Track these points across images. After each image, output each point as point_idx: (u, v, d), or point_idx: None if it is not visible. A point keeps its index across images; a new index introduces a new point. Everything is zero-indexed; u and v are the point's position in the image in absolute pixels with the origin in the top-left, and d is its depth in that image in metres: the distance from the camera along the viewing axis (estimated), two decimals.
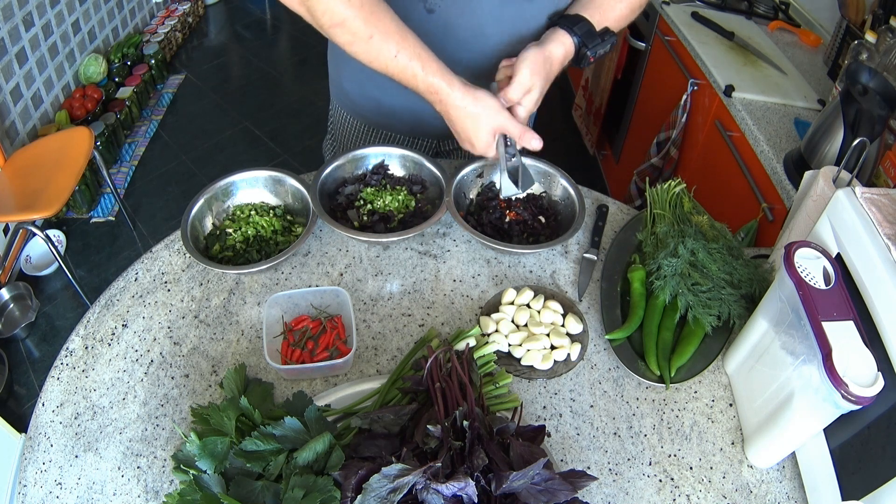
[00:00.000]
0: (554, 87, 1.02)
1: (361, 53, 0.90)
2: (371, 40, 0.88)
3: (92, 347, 0.92)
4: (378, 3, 0.88)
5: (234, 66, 3.77)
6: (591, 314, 1.00)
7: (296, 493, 0.67)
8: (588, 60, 1.00)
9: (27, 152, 2.21)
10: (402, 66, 0.90)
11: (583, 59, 1.00)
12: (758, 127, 1.58)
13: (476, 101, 0.92)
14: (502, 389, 0.85)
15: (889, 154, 1.26)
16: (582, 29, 0.97)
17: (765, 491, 0.82)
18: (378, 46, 0.88)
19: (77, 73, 2.94)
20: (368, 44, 0.88)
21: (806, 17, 2.18)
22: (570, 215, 1.08)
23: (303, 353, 0.90)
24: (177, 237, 1.07)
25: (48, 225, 2.55)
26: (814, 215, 0.94)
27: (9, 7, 2.39)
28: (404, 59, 0.89)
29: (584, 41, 0.98)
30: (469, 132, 0.95)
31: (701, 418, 0.89)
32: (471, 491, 0.63)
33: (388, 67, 0.90)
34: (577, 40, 0.98)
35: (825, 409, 0.69)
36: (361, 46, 0.89)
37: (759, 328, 0.85)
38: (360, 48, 0.90)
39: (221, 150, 3.09)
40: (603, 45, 0.99)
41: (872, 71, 1.30)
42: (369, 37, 0.88)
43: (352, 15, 0.86)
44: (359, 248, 1.08)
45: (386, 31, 0.88)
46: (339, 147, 1.36)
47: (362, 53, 0.90)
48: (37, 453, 0.81)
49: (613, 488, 0.81)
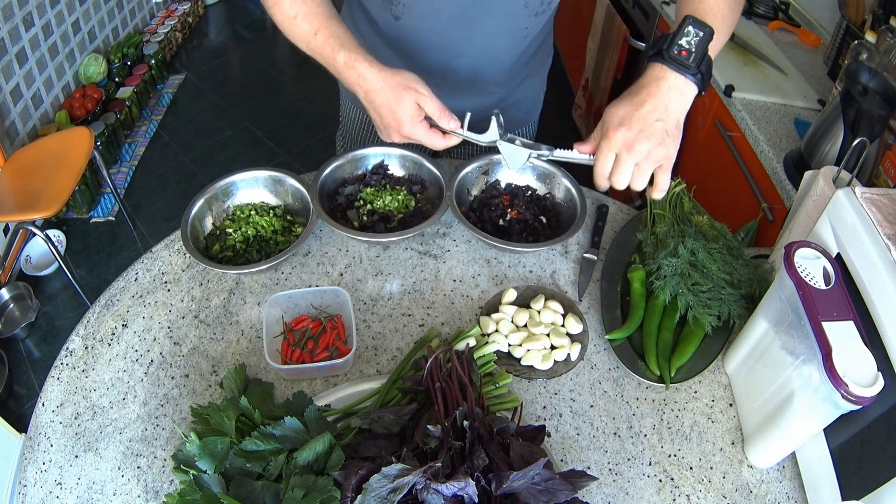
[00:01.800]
0: (554, 88, 1.01)
1: (289, 32, 0.94)
2: (295, 20, 0.92)
3: (92, 347, 0.92)
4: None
5: (234, 66, 3.77)
6: (591, 314, 1.00)
7: (296, 493, 0.67)
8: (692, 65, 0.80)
9: (27, 152, 2.21)
10: (321, 44, 0.90)
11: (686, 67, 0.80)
12: (758, 127, 1.58)
13: (395, 73, 0.87)
14: (502, 389, 0.85)
15: (889, 154, 1.26)
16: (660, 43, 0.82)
17: (765, 491, 0.82)
18: (301, 26, 0.92)
19: (77, 73, 2.94)
20: (293, 23, 0.92)
21: (806, 17, 2.18)
22: (570, 215, 1.08)
23: (303, 353, 0.90)
24: (177, 237, 1.07)
25: (48, 225, 2.55)
26: (814, 215, 0.94)
27: (9, 7, 2.39)
28: (322, 37, 0.90)
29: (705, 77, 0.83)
30: (391, 104, 0.87)
31: (701, 418, 0.89)
32: (471, 491, 0.63)
33: (309, 45, 0.92)
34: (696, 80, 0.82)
35: (825, 409, 0.69)
36: (287, 26, 0.93)
37: (759, 328, 0.85)
38: (286, 27, 0.94)
39: (221, 150, 3.09)
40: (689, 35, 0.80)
41: (872, 71, 1.30)
42: (294, 16, 0.92)
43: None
44: (359, 248, 1.08)
45: (311, 13, 0.91)
46: (349, 139, 1.37)
47: (289, 32, 0.94)
48: (37, 453, 0.81)
49: (613, 488, 0.81)
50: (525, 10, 1.03)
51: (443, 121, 0.87)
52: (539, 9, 1.04)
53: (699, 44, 0.80)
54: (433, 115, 0.87)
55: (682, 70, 0.81)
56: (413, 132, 0.88)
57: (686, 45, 0.80)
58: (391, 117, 0.88)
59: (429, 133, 0.89)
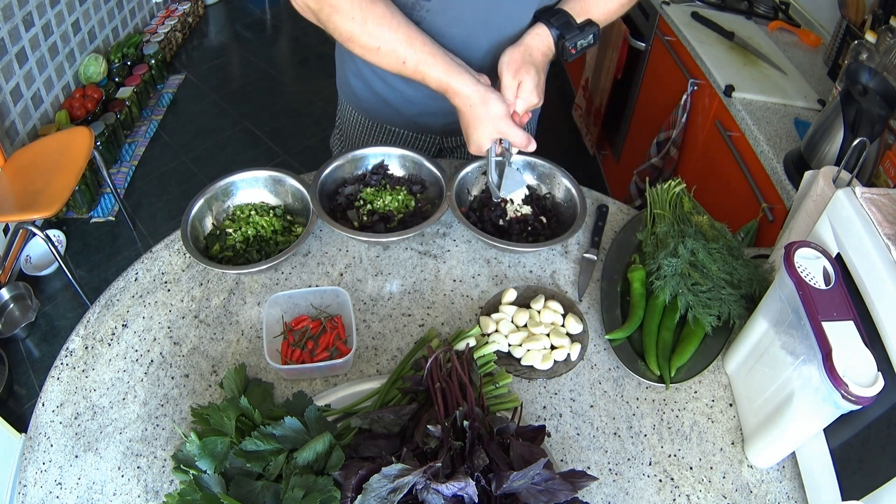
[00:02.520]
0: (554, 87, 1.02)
1: (375, 62, 0.97)
2: (379, 51, 0.94)
3: (92, 347, 0.92)
4: (383, 14, 0.92)
5: (234, 66, 3.77)
6: (591, 314, 1.00)
7: (296, 493, 0.67)
8: (569, 52, 1.01)
9: (27, 152, 2.21)
10: (412, 72, 0.95)
11: (564, 52, 1.01)
12: (758, 127, 1.58)
13: (482, 104, 0.94)
14: (502, 389, 0.85)
15: (889, 154, 1.26)
16: (559, 20, 0.99)
17: (765, 491, 0.82)
18: (387, 55, 0.95)
19: (77, 73, 2.94)
20: (378, 55, 0.95)
21: (806, 17, 2.18)
22: (570, 215, 1.08)
23: (303, 353, 0.90)
24: (177, 237, 1.07)
25: (48, 225, 2.55)
26: (814, 215, 0.94)
27: (9, 7, 2.39)
28: (412, 64, 0.94)
29: (562, 33, 0.99)
30: (469, 130, 0.98)
31: (701, 418, 0.89)
32: (471, 491, 0.63)
33: (401, 72, 0.97)
34: (555, 32, 1.00)
35: (825, 409, 0.69)
36: (372, 57, 0.96)
37: (759, 328, 0.85)
38: (371, 59, 0.97)
39: (221, 150, 3.09)
40: (583, 35, 1.00)
41: (872, 71, 1.30)
42: (377, 48, 0.94)
43: (357, 30, 0.92)
44: (359, 248, 1.08)
45: (392, 40, 0.93)
46: (346, 142, 1.37)
47: (376, 62, 0.97)
48: (37, 453, 0.81)
49: (613, 488, 0.81)
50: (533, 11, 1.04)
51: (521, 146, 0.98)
52: None
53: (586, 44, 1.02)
54: (516, 144, 0.98)
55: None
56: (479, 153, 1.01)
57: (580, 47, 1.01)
58: (466, 137, 1.00)
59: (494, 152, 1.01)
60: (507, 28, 1.04)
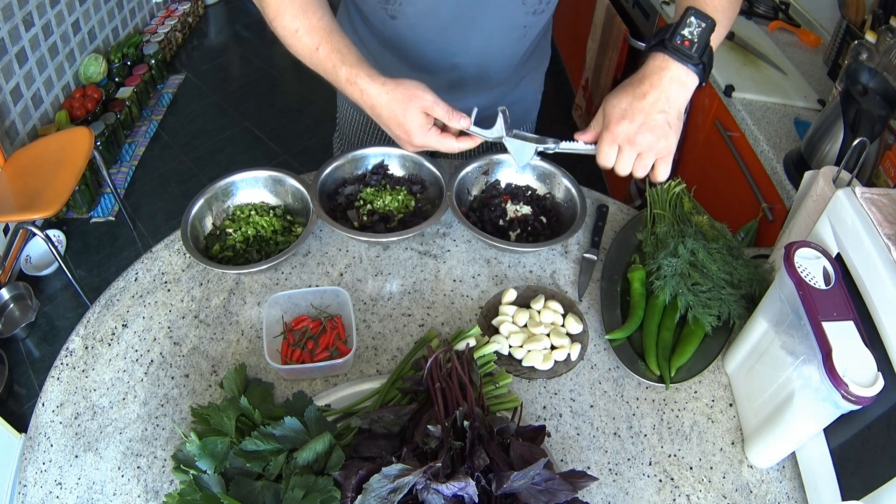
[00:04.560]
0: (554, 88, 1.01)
1: (291, 46, 0.93)
2: (297, 34, 0.91)
3: (92, 347, 0.92)
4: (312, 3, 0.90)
5: (234, 66, 3.77)
6: (591, 314, 1.00)
7: (296, 494, 0.67)
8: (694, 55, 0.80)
9: (27, 152, 2.21)
10: (323, 58, 0.90)
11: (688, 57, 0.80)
12: (758, 127, 1.58)
13: (397, 85, 0.87)
14: (502, 389, 0.85)
15: (889, 154, 1.26)
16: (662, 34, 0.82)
17: (765, 491, 0.82)
18: (303, 40, 0.91)
19: (77, 73, 2.94)
20: (294, 37, 0.91)
21: (806, 17, 2.18)
22: (570, 215, 1.08)
23: (303, 353, 0.90)
24: (177, 237, 1.07)
25: (48, 225, 2.55)
26: (814, 215, 0.94)
27: (9, 7, 2.39)
28: (324, 52, 0.90)
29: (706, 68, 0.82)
30: (398, 116, 0.87)
31: (701, 418, 0.89)
32: (471, 491, 0.63)
33: (312, 59, 0.92)
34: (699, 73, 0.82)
35: (825, 409, 0.69)
36: (289, 40, 0.93)
37: (759, 328, 0.85)
38: (288, 41, 0.93)
39: (221, 150, 3.09)
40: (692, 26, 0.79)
41: (872, 71, 1.30)
42: (295, 30, 0.91)
43: (283, 9, 0.89)
44: (359, 248, 1.08)
45: (312, 27, 0.90)
46: (346, 141, 1.37)
47: (291, 46, 0.93)
48: (37, 453, 0.81)
49: (613, 488, 0.81)
50: (523, 6, 1.02)
51: (453, 121, 0.87)
52: (538, 7, 1.03)
53: (701, 34, 0.80)
54: (442, 118, 0.87)
55: (684, 60, 0.80)
56: (425, 141, 0.89)
57: (689, 36, 0.80)
58: (400, 130, 0.88)
59: (441, 139, 0.89)
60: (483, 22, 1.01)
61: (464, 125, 0.88)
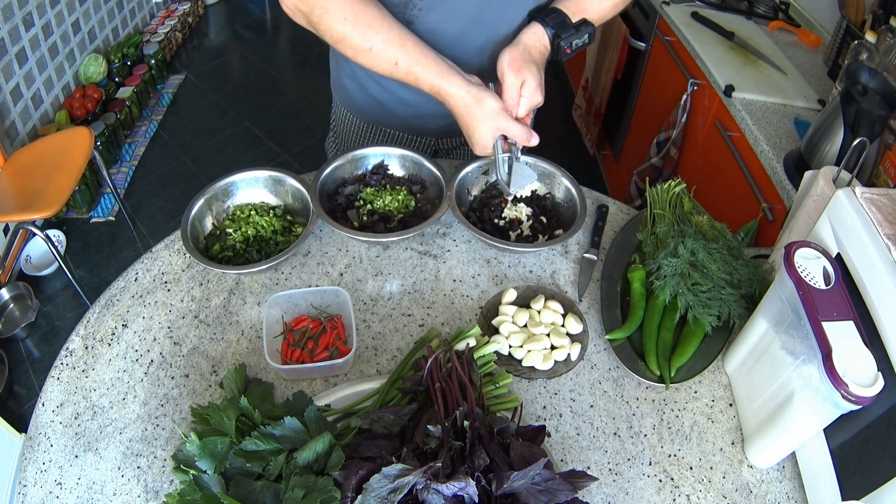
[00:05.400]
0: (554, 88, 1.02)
1: (366, 64, 0.96)
2: (371, 52, 0.93)
3: (92, 347, 0.92)
4: (375, 15, 0.92)
5: (234, 66, 3.77)
6: (591, 314, 1.00)
7: (296, 494, 0.67)
8: (564, 52, 1.01)
9: (27, 152, 2.21)
10: (404, 73, 0.95)
11: (559, 51, 1.01)
12: (758, 127, 1.58)
13: (477, 103, 0.93)
14: (502, 389, 0.85)
15: (889, 154, 1.26)
16: (555, 20, 0.99)
17: (765, 491, 0.82)
18: (378, 57, 0.94)
19: (77, 73, 2.94)
20: (369, 55, 0.94)
21: (806, 17, 2.18)
22: (570, 215, 1.08)
23: (303, 353, 0.90)
24: (177, 237, 1.07)
25: (48, 225, 2.55)
26: (814, 215, 0.94)
27: (9, 7, 2.39)
28: (404, 66, 0.94)
29: (557, 32, 0.99)
30: (469, 130, 0.97)
31: (701, 418, 0.89)
32: (471, 491, 0.63)
33: (392, 74, 0.96)
34: (550, 31, 0.99)
35: (825, 409, 0.69)
36: (363, 58, 0.95)
37: (759, 328, 0.85)
38: (363, 60, 0.96)
39: (221, 150, 3.09)
40: (578, 35, 1.00)
41: (872, 71, 1.30)
42: (369, 49, 0.93)
43: (349, 31, 0.92)
44: (359, 248, 1.08)
45: (384, 41, 0.93)
46: (342, 145, 1.37)
47: (367, 64, 0.96)
48: (37, 453, 0.81)
49: (613, 488, 0.81)
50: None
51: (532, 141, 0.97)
52: None
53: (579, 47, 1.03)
54: (517, 139, 0.96)
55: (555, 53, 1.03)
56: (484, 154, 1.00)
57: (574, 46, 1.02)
58: (469, 140, 0.99)
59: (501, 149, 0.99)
60: (500, 26, 1.04)
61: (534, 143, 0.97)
